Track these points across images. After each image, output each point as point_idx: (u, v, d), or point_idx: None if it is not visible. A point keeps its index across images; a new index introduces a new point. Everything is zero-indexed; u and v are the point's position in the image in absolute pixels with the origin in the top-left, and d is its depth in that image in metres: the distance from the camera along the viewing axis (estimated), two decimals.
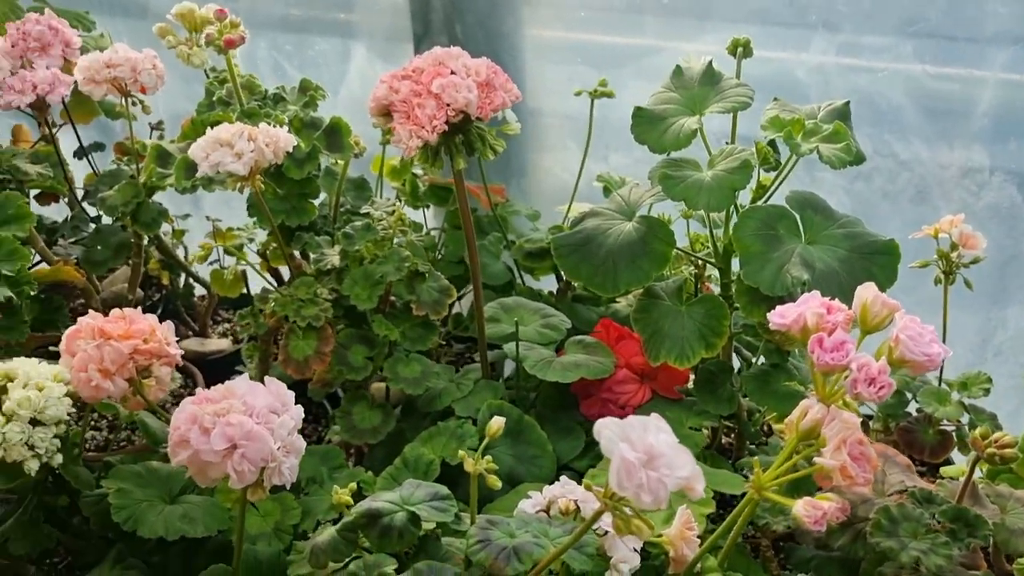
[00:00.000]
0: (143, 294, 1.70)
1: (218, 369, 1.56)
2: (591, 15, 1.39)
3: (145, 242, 1.43)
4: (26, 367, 0.89)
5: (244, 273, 1.42)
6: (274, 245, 1.29)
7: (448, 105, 0.90)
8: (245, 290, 1.49)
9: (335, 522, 1.00)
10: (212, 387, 0.83)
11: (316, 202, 1.18)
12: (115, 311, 0.96)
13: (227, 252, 1.44)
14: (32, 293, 1.15)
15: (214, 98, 1.16)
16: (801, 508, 0.66)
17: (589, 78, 1.45)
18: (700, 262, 1.16)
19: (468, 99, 0.90)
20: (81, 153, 1.55)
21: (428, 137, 0.91)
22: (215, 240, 1.65)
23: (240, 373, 1.46)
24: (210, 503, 1.00)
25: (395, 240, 1.09)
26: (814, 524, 0.66)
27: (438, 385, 1.11)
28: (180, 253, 1.60)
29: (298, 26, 1.55)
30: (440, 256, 1.34)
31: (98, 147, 1.56)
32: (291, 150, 1.02)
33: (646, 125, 1.01)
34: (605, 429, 0.58)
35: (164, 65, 1.27)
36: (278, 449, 0.80)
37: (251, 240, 1.42)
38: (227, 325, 1.76)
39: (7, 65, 1.26)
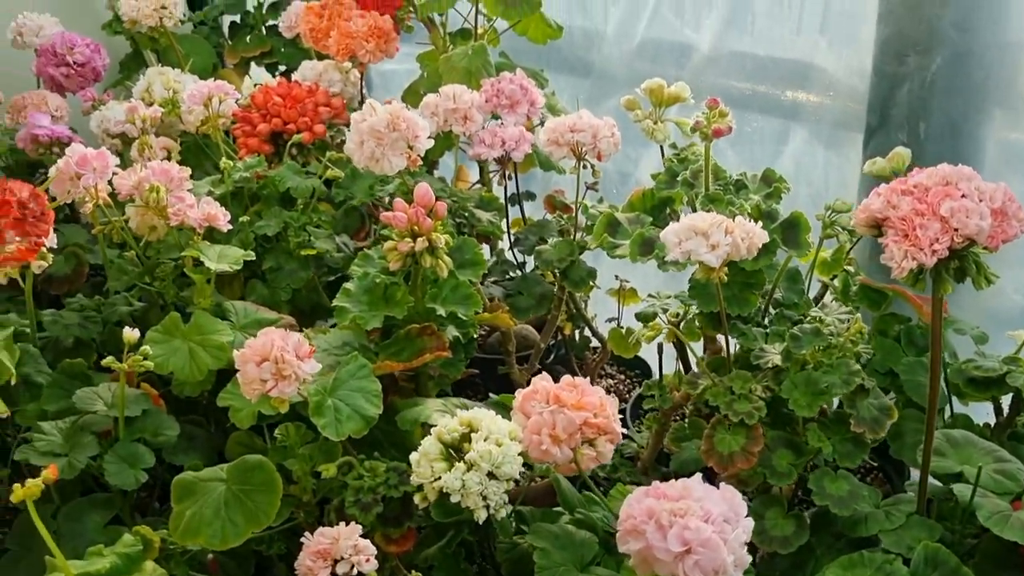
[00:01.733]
0: None
1: None
2: None
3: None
4: (487, 420, 0.95)
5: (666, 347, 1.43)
6: (697, 323, 1.28)
7: (955, 230, 0.84)
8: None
9: None
10: (667, 481, 0.83)
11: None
12: (566, 378, 1.00)
13: (637, 318, 1.46)
14: (474, 336, 1.23)
15: (677, 178, 1.17)
16: None
17: None
18: None
19: (979, 227, 0.84)
20: (515, 200, 1.65)
21: (925, 261, 0.85)
22: (619, 299, 1.69)
23: (626, 436, 1.47)
24: None
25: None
26: None
27: (863, 509, 1.04)
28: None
29: (739, 101, 1.54)
30: (864, 364, 1.26)
31: (529, 196, 1.65)
32: None
33: None
34: None
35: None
36: (730, 561, 0.78)
37: (664, 310, 1.43)
38: (611, 381, 1.79)
39: (480, 119, 1.36)
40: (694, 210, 1.17)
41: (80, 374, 1.25)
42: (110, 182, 1.28)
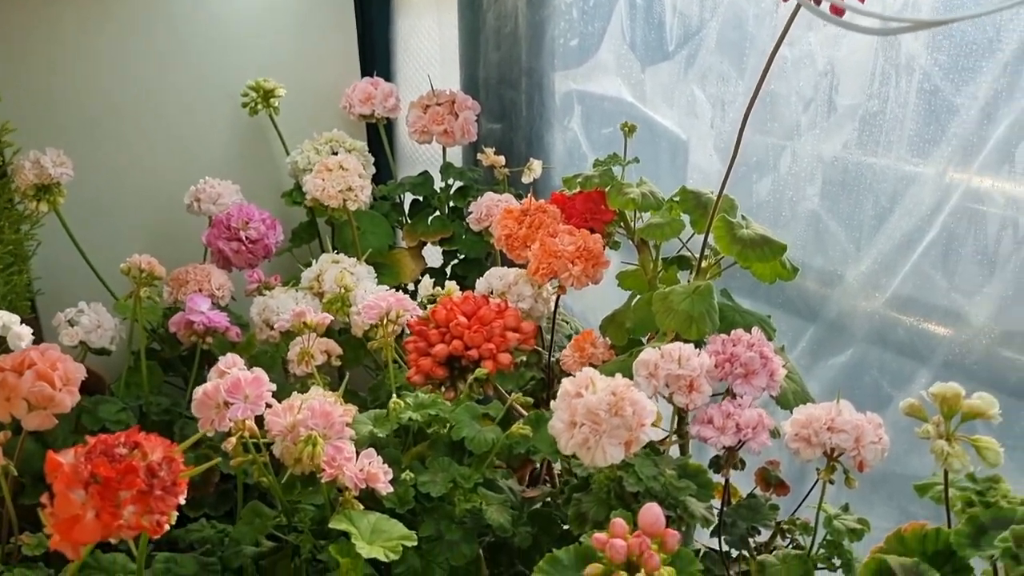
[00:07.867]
0: None
1: None
2: None
3: None
4: None
5: None
6: None
7: None
8: None
9: None
10: None
11: None
12: None
13: None
14: None
15: (985, 531, 0.87)
16: None
17: None
18: None
19: None
20: (715, 463, 1.37)
21: None
22: None
23: None
24: None
25: None
26: None
27: None
28: None
29: (1019, 390, 1.24)
30: None
31: (739, 464, 1.37)
32: None
33: None
34: None
35: None
36: None
37: None
38: None
39: (708, 391, 1.10)
40: None
41: None
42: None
